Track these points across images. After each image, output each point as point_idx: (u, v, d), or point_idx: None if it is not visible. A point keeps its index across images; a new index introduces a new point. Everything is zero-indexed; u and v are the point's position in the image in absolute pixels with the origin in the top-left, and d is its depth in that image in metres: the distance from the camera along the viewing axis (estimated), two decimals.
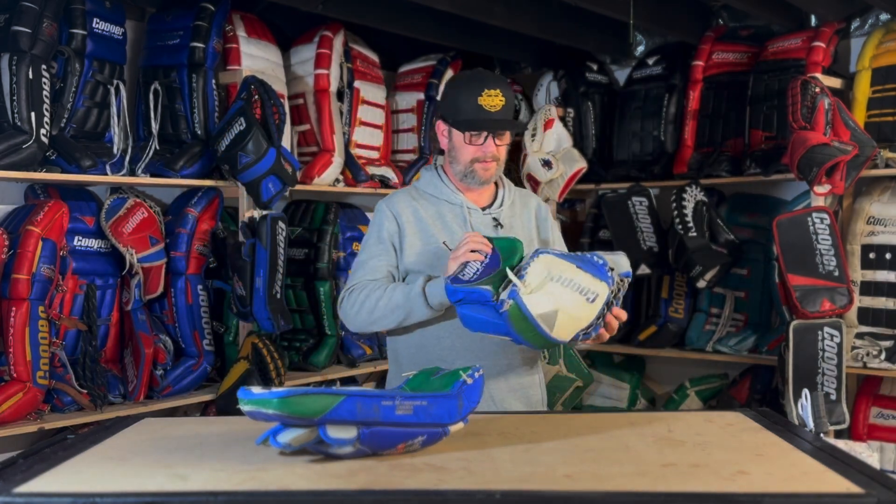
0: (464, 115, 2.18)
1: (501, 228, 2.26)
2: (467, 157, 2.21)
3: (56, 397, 2.89)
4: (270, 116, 3.27)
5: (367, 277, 2.19)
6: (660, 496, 1.38)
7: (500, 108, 2.17)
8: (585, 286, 1.93)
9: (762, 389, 3.89)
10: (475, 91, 2.16)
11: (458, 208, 2.26)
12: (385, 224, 2.23)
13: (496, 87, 2.17)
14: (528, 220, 2.34)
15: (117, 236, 3.08)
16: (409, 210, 2.24)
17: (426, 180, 2.32)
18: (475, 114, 2.16)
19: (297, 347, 3.63)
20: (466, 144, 2.20)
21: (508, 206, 2.31)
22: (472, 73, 2.26)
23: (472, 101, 2.16)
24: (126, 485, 1.47)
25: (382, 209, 2.27)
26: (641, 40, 4.65)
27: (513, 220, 2.30)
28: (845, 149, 3.38)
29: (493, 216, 2.27)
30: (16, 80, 2.77)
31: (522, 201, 2.37)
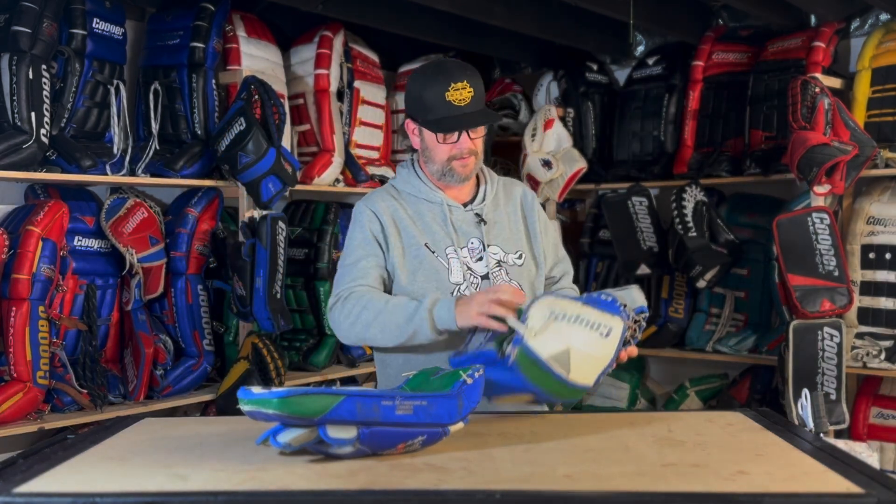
0: (433, 114, 2.06)
1: (485, 225, 2.16)
2: (442, 156, 2.10)
3: (56, 397, 2.89)
4: (270, 116, 3.27)
5: (359, 281, 2.07)
6: (660, 496, 1.38)
7: (469, 100, 2.05)
8: (596, 321, 1.79)
9: (762, 389, 3.89)
10: (441, 86, 2.04)
11: (438, 206, 2.16)
12: (367, 224, 2.13)
13: (462, 79, 2.05)
14: (513, 213, 2.24)
15: (117, 236, 3.08)
16: (389, 210, 2.15)
17: (403, 178, 2.22)
18: (444, 111, 2.05)
19: (297, 347, 3.63)
20: (440, 144, 2.09)
21: (492, 201, 2.21)
22: (434, 67, 2.13)
23: (439, 97, 2.04)
24: (126, 485, 1.47)
25: (362, 209, 2.16)
26: (641, 40, 4.65)
27: (497, 215, 2.20)
28: (845, 149, 3.38)
29: (476, 212, 2.17)
30: (16, 80, 2.77)
31: (506, 192, 2.26)
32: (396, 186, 2.22)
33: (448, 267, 2.11)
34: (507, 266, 2.15)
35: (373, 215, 2.14)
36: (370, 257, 2.10)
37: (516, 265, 2.17)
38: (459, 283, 2.10)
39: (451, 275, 2.11)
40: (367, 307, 2.00)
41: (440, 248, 2.12)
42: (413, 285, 2.10)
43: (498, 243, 2.17)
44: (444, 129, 2.07)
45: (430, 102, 2.06)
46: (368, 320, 2.00)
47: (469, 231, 2.15)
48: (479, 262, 2.13)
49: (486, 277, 2.12)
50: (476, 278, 2.12)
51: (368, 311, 2.00)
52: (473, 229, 2.15)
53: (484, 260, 2.13)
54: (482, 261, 2.13)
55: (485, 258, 2.13)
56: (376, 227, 2.13)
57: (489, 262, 2.13)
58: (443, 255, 2.12)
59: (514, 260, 2.17)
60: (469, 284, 2.11)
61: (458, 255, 2.12)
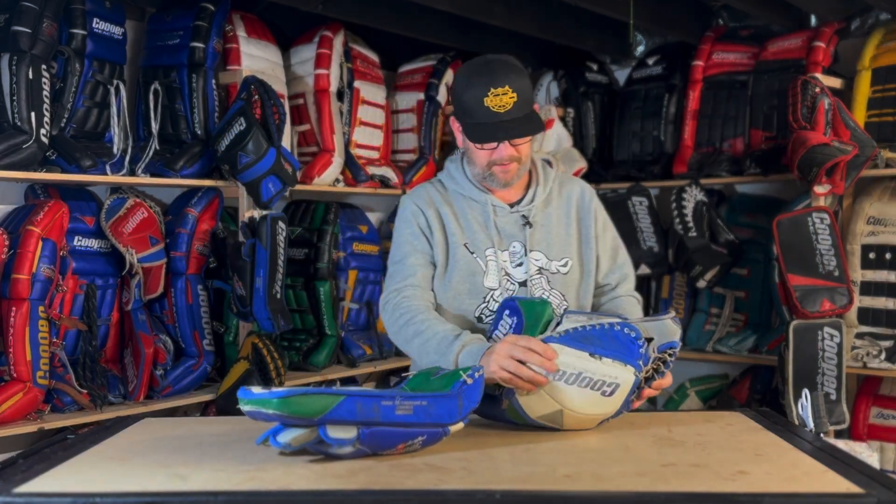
0: (471, 118, 1.98)
1: (530, 228, 2.07)
2: (483, 160, 2.03)
3: (56, 397, 2.89)
4: (270, 116, 3.27)
5: (409, 281, 2.04)
6: (660, 496, 1.39)
7: (510, 106, 1.94)
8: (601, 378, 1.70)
9: (762, 389, 3.89)
10: (481, 90, 1.94)
11: (482, 206, 2.09)
12: (413, 219, 2.09)
13: (504, 84, 1.93)
14: (565, 215, 2.13)
15: (117, 236, 3.08)
16: (434, 205, 2.10)
17: (449, 174, 2.15)
18: (482, 117, 1.95)
19: (297, 347, 3.63)
20: (478, 150, 2.02)
21: (542, 201, 2.11)
22: (478, 67, 2.00)
23: (478, 102, 1.94)
24: (126, 485, 1.47)
25: (408, 204, 2.13)
26: (641, 40, 4.65)
27: (546, 218, 2.10)
28: (845, 149, 3.38)
29: (522, 214, 2.09)
30: (16, 80, 2.77)
31: (561, 192, 2.15)
32: (443, 182, 2.16)
33: (485, 270, 2.05)
34: (548, 274, 2.07)
35: (418, 210, 2.10)
36: (417, 253, 2.07)
37: (560, 273, 2.08)
38: (494, 287, 2.05)
39: (487, 278, 2.05)
40: (410, 324, 1.99)
41: (480, 250, 2.06)
42: (448, 284, 2.06)
43: (541, 249, 2.08)
44: (478, 138, 1.99)
45: (470, 106, 1.97)
46: (408, 337, 2.00)
47: (513, 234, 2.07)
48: (518, 268, 2.06)
49: (523, 284, 2.06)
50: (513, 284, 2.06)
51: (409, 330, 1.99)
52: (518, 232, 2.08)
53: (524, 266, 2.06)
54: (522, 266, 2.06)
55: (525, 264, 2.06)
56: (422, 220, 2.09)
57: (529, 268, 2.06)
58: (482, 256, 2.05)
59: (557, 267, 2.08)
60: (504, 290, 2.05)
61: (496, 259, 2.05)
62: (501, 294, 2.04)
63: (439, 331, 1.95)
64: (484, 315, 2.07)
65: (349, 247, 3.85)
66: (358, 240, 3.89)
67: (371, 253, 3.94)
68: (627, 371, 1.70)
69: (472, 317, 2.08)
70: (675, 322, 1.82)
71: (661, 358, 1.79)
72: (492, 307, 2.06)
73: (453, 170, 2.15)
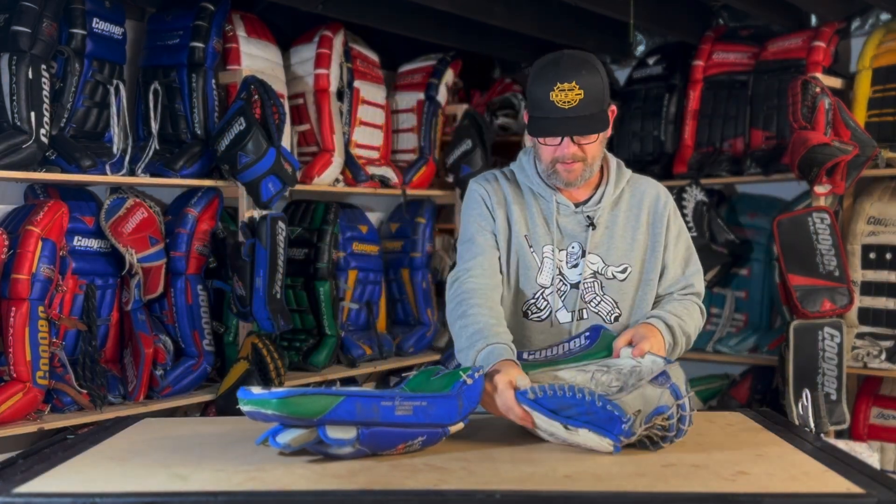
0: (537, 112, 1.92)
1: (593, 230, 2.02)
2: (547, 157, 1.98)
3: (56, 397, 2.89)
4: (270, 116, 3.27)
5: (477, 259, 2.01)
6: (660, 496, 1.38)
7: (576, 103, 1.87)
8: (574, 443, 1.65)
9: (762, 389, 3.89)
10: (548, 84, 1.89)
11: (547, 203, 2.05)
12: (481, 200, 2.07)
13: (571, 79, 1.87)
14: (634, 218, 2.06)
15: (117, 236, 3.08)
16: (500, 192, 2.07)
17: (521, 166, 2.11)
18: (547, 111, 1.89)
19: (297, 347, 3.63)
20: (541, 145, 1.97)
21: (611, 203, 2.05)
22: (548, 60, 1.95)
23: (544, 96, 1.89)
24: (126, 485, 1.47)
25: (475, 187, 2.10)
26: (641, 40, 4.65)
27: (612, 220, 2.04)
28: (846, 149, 3.38)
29: (588, 214, 2.03)
30: (16, 80, 2.77)
31: (634, 194, 2.08)
32: (515, 172, 2.13)
33: (540, 266, 2.03)
34: (602, 278, 2.02)
35: (486, 192, 2.08)
36: (486, 233, 2.05)
37: (616, 279, 2.03)
38: (546, 285, 2.02)
39: (541, 275, 2.02)
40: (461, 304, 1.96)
41: (538, 245, 2.03)
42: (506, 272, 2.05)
43: (600, 252, 2.03)
44: (536, 131, 1.95)
45: (536, 99, 1.92)
46: (455, 317, 1.97)
47: (574, 234, 2.03)
48: (573, 269, 2.03)
49: (576, 286, 2.02)
50: (566, 285, 2.02)
51: (459, 309, 1.96)
52: (579, 232, 2.03)
53: (579, 267, 2.02)
54: (577, 268, 2.02)
55: (580, 265, 2.02)
56: (490, 202, 2.07)
57: (584, 270, 2.02)
58: (539, 251, 2.03)
59: (614, 273, 2.03)
60: (555, 290, 2.02)
61: (553, 257, 2.02)
62: (552, 293, 2.02)
63: (480, 322, 1.91)
64: (530, 311, 2.04)
65: (349, 247, 3.85)
66: (358, 240, 3.89)
67: (371, 253, 3.94)
68: (604, 443, 1.60)
69: (519, 311, 2.05)
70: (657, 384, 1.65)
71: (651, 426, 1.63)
72: (539, 304, 2.03)
73: (525, 162, 2.10)
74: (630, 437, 1.61)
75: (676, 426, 1.64)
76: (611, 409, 1.59)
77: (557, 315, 2.03)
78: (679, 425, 1.64)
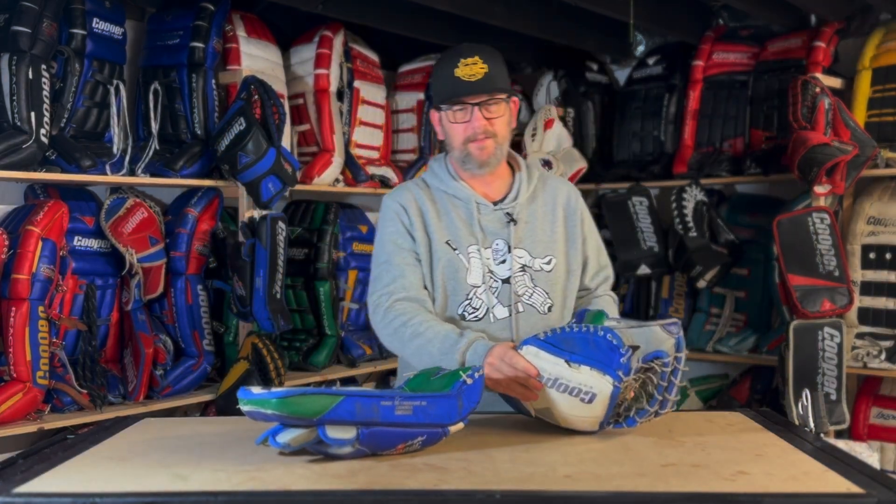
0: (446, 94, 2.02)
1: (514, 225, 2.07)
2: (459, 138, 2.04)
3: (56, 397, 2.89)
4: (270, 116, 3.27)
5: (399, 282, 2.04)
6: (660, 496, 1.39)
7: (480, 76, 1.97)
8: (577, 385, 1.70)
9: (762, 389, 3.89)
10: (452, 63, 1.99)
11: (465, 204, 2.09)
12: (396, 217, 2.10)
13: (473, 55, 1.98)
14: (551, 212, 2.13)
15: (117, 236, 3.08)
16: (416, 203, 2.10)
17: (433, 172, 2.16)
18: (452, 88, 1.99)
19: (297, 347, 3.63)
20: (453, 124, 2.03)
21: (527, 198, 2.11)
22: (450, 49, 2.07)
23: (449, 74, 1.99)
24: (126, 485, 1.47)
25: (389, 203, 2.13)
26: (641, 40, 4.65)
27: (531, 215, 2.11)
28: (845, 149, 3.38)
29: (506, 211, 2.09)
30: (16, 80, 2.77)
31: (547, 190, 2.16)
32: (426, 180, 2.16)
33: (468, 267, 2.05)
34: (531, 271, 2.07)
35: (400, 208, 2.10)
36: (403, 252, 2.07)
37: (543, 271, 2.08)
38: (477, 285, 2.05)
39: (470, 275, 2.05)
40: (407, 325, 1.98)
41: (462, 247, 2.06)
42: (430, 282, 2.07)
43: (525, 246, 2.09)
44: (446, 100, 2.00)
45: (442, 82, 2.02)
46: (404, 340, 1.99)
47: (497, 231, 2.07)
48: (501, 265, 2.06)
49: (507, 281, 2.06)
50: (497, 282, 2.06)
51: (406, 329, 1.98)
52: (501, 229, 2.08)
53: (507, 263, 2.06)
54: (505, 263, 2.06)
55: (508, 261, 2.06)
56: (405, 219, 2.09)
57: (513, 265, 2.06)
58: (464, 253, 2.06)
59: (541, 265, 2.09)
60: (488, 288, 2.05)
61: (480, 256, 2.05)
62: (485, 291, 2.04)
63: (441, 330, 1.96)
64: (467, 313, 2.06)
65: (349, 247, 3.85)
66: (358, 240, 3.89)
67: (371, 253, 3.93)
68: (605, 381, 1.67)
69: (455, 314, 2.07)
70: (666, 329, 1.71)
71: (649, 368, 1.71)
72: (475, 304, 2.05)
73: (437, 168, 2.15)
74: (628, 375, 1.67)
75: (669, 377, 1.70)
76: (610, 339, 1.67)
77: (494, 312, 2.06)
78: (671, 378, 1.71)
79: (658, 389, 1.72)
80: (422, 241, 2.07)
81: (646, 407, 1.73)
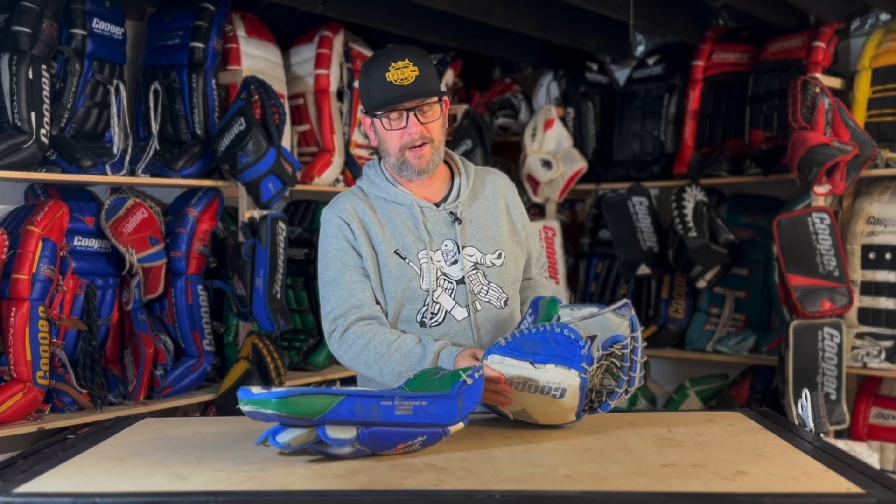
0: (378, 100, 1.94)
1: (460, 224, 2.04)
2: (395, 146, 1.98)
3: (56, 397, 2.89)
4: (270, 116, 3.28)
5: (349, 302, 1.99)
6: (660, 496, 1.38)
7: (412, 79, 1.92)
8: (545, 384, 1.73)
9: (762, 389, 3.89)
10: (381, 68, 1.93)
11: (408, 208, 2.04)
12: (339, 233, 2.02)
13: (403, 58, 1.92)
14: (492, 206, 2.10)
15: (117, 236, 3.08)
16: (358, 214, 2.03)
17: (369, 180, 2.08)
18: (384, 92, 1.92)
19: (297, 347, 3.63)
20: (388, 131, 1.97)
21: (468, 196, 2.08)
22: (378, 52, 2.00)
23: (380, 80, 1.92)
24: (126, 485, 1.47)
25: (330, 217, 2.05)
26: (641, 40, 4.65)
27: (475, 212, 2.07)
28: (845, 149, 3.39)
29: (450, 211, 2.05)
30: (16, 80, 2.77)
31: (484, 184, 2.13)
32: (364, 189, 2.10)
33: (420, 273, 2.01)
34: (483, 268, 2.05)
35: (342, 223, 2.03)
36: (349, 269, 2.01)
37: (495, 266, 2.06)
38: (432, 289, 2.01)
39: (423, 281, 2.01)
40: (369, 347, 1.96)
41: (411, 253, 2.02)
42: (384, 294, 2.02)
43: (474, 243, 2.06)
44: (378, 107, 1.95)
45: (373, 87, 1.95)
46: (369, 362, 1.96)
47: (443, 232, 2.04)
48: (453, 266, 2.03)
49: (461, 282, 2.03)
50: (451, 283, 2.02)
51: (369, 352, 1.96)
52: (447, 230, 2.04)
53: (459, 263, 2.03)
54: (457, 264, 2.03)
55: (460, 261, 2.03)
56: (348, 234, 2.02)
57: (465, 265, 2.03)
58: (414, 260, 2.02)
59: (492, 261, 2.06)
60: (443, 290, 2.01)
61: (430, 260, 2.01)
62: (440, 295, 2.01)
63: (403, 348, 1.94)
64: (426, 318, 2.02)
65: None
66: None
67: None
68: (571, 375, 1.71)
69: (414, 322, 2.03)
70: (618, 314, 1.77)
71: (610, 353, 1.77)
72: (433, 309, 2.02)
73: (373, 175, 2.09)
74: (591, 365, 1.71)
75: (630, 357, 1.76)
76: (568, 334, 1.71)
77: (453, 314, 2.03)
78: (633, 357, 1.76)
79: (623, 371, 1.78)
80: (368, 255, 2.02)
81: (615, 390, 1.79)
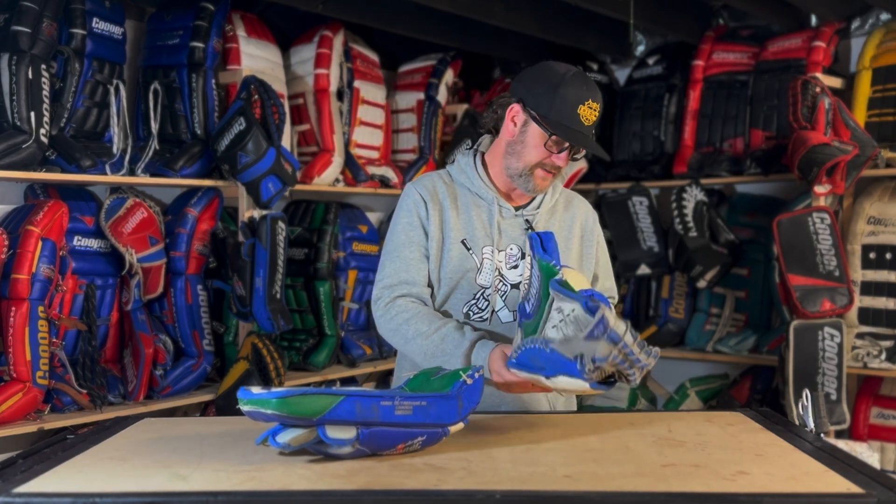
0: (559, 118, 1.98)
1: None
2: (534, 158, 2.00)
3: (56, 397, 2.89)
4: (270, 116, 3.27)
5: (401, 276, 2.03)
6: (660, 496, 1.38)
7: (592, 122, 2.01)
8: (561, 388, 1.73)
9: (762, 389, 3.89)
10: (580, 97, 1.99)
11: (488, 204, 2.08)
12: (414, 209, 2.06)
13: (598, 100, 2.02)
14: (568, 228, 2.14)
15: (117, 236, 3.08)
16: (438, 196, 2.07)
17: (460, 167, 2.12)
18: (571, 122, 1.97)
19: (297, 347, 3.63)
20: (540, 146, 2.00)
21: (548, 209, 2.12)
22: (577, 75, 2.04)
23: (572, 106, 1.98)
24: (126, 485, 1.47)
25: (411, 192, 2.08)
26: (641, 40, 4.65)
27: (549, 226, 2.10)
28: (846, 149, 3.38)
29: (526, 218, 2.08)
30: (16, 80, 2.77)
31: (568, 207, 2.16)
32: (451, 173, 2.14)
33: (479, 267, 2.04)
34: None
35: (420, 199, 2.07)
36: (412, 245, 2.05)
37: None
38: (486, 286, 2.03)
39: (481, 275, 2.04)
40: (410, 322, 1.99)
41: (477, 246, 2.05)
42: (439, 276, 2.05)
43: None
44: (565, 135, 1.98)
45: (562, 105, 1.98)
46: (407, 336, 1.99)
47: (513, 236, 2.06)
48: (513, 270, 2.05)
49: (516, 287, 2.05)
50: (505, 286, 2.05)
51: (409, 327, 1.99)
52: (518, 235, 2.07)
53: (519, 269, 2.05)
54: (517, 269, 2.05)
55: (520, 267, 2.05)
56: (423, 211, 2.06)
57: (524, 272, 2.01)
58: (478, 253, 2.05)
59: None
60: (495, 290, 2.04)
61: (493, 258, 2.04)
62: (492, 293, 2.04)
63: (441, 333, 1.97)
64: (472, 312, 2.05)
65: (349, 247, 3.85)
66: (358, 240, 3.89)
67: (371, 253, 3.94)
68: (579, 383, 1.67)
69: (460, 312, 2.06)
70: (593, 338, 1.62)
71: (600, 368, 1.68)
72: (481, 304, 2.05)
73: (465, 164, 2.12)
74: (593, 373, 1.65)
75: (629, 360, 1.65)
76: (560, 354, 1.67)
77: (499, 314, 2.05)
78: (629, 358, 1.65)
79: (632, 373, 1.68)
80: (435, 237, 2.05)
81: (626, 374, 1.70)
